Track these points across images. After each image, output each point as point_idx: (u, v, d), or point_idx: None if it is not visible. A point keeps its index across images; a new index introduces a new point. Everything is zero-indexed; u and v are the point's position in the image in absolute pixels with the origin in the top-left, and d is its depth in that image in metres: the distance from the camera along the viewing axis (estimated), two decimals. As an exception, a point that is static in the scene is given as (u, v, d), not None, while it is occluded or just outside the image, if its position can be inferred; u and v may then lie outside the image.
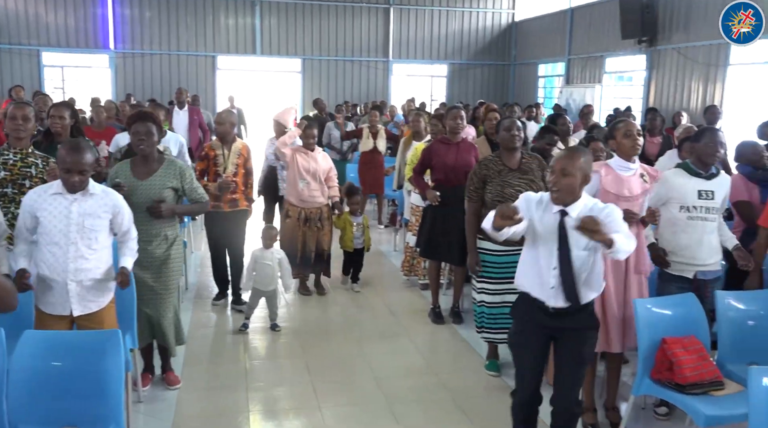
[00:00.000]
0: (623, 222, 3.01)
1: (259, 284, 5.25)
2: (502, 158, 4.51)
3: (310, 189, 5.98)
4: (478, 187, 4.48)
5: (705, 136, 3.89)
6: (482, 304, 4.55)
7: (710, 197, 3.83)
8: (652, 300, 3.63)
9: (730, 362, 3.57)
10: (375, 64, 21.04)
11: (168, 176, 4.08)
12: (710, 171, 3.88)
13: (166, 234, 4.11)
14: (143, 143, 4.01)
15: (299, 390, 4.37)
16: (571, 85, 18.04)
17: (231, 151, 5.55)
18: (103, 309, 3.41)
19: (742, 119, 11.94)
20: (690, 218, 3.82)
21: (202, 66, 19.80)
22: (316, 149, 6.09)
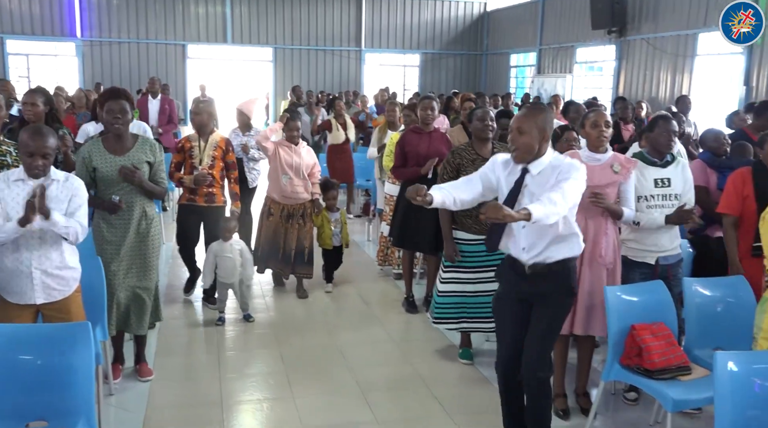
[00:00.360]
0: (573, 178, 2.95)
1: (223, 277, 5.20)
2: (474, 148, 4.53)
3: (293, 185, 5.78)
4: (452, 176, 4.49)
5: (658, 124, 3.94)
6: (452, 294, 4.56)
7: (667, 185, 3.88)
8: (621, 288, 3.68)
9: (697, 347, 3.65)
10: (347, 54, 20.96)
11: (144, 151, 4.06)
12: (665, 159, 3.93)
13: (146, 210, 4.09)
14: (117, 121, 3.95)
15: (273, 380, 4.36)
16: (543, 75, 18.17)
17: (208, 143, 5.40)
18: (68, 298, 3.36)
19: (708, 109, 12.16)
20: (648, 207, 3.86)
21: (171, 55, 19.53)
22: (300, 143, 5.91)
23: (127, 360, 4.38)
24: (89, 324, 3.02)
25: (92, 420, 2.86)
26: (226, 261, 5.17)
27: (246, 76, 20.41)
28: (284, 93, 18.67)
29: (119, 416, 3.82)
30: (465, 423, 3.79)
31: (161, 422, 3.77)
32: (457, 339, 4.86)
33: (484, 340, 4.95)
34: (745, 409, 2.66)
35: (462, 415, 3.89)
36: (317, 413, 3.92)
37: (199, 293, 5.79)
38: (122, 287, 4.03)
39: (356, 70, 21.14)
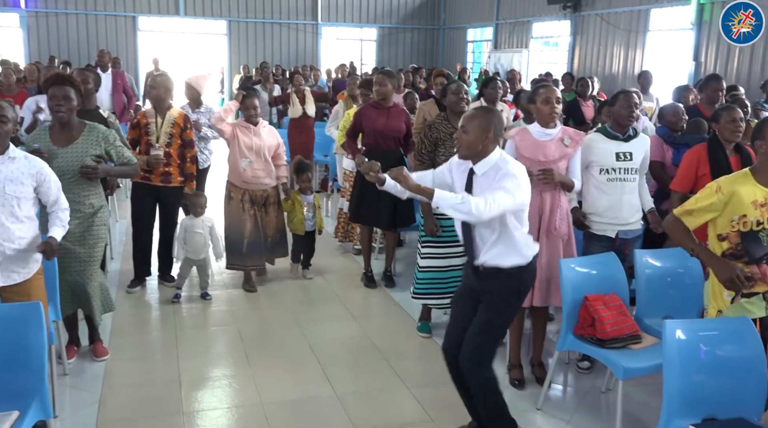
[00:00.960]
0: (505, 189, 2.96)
1: (191, 253, 5.14)
2: (450, 121, 4.54)
3: (254, 169, 5.28)
4: (431, 150, 4.51)
5: (619, 99, 4.02)
6: (431, 269, 4.60)
7: (628, 159, 3.97)
8: (575, 260, 3.76)
9: (647, 316, 3.76)
10: (303, 27, 20.66)
11: (90, 143, 3.92)
12: (627, 133, 4.02)
13: (92, 202, 3.98)
14: (60, 108, 3.81)
15: (232, 357, 4.35)
16: (499, 50, 18.24)
17: (165, 119, 5.17)
18: (28, 280, 3.28)
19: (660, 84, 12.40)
20: (609, 180, 3.96)
21: (122, 27, 18.94)
22: (261, 123, 5.41)
23: (83, 342, 4.31)
24: (40, 303, 2.96)
25: (46, 400, 2.81)
26: (196, 237, 5.11)
27: (199, 50, 19.97)
28: (239, 68, 18.34)
29: (74, 396, 3.77)
30: (423, 395, 3.85)
31: (118, 401, 3.73)
32: (416, 314, 4.91)
33: (442, 314, 5.01)
34: (691, 375, 2.77)
35: (420, 387, 3.95)
36: (277, 388, 3.92)
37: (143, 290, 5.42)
38: (65, 276, 3.91)
39: (313, 44, 20.87)
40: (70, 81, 3.89)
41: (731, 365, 2.81)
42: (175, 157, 5.20)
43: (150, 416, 3.60)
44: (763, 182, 2.88)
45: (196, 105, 6.19)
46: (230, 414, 3.66)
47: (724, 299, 2.95)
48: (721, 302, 2.96)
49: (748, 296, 2.92)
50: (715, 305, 2.99)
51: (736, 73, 11.68)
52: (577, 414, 3.70)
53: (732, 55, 11.80)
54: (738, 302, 2.93)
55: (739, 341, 2.84)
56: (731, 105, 4.40)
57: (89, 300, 4.04)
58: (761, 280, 2.89)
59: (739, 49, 11.62)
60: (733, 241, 2.90)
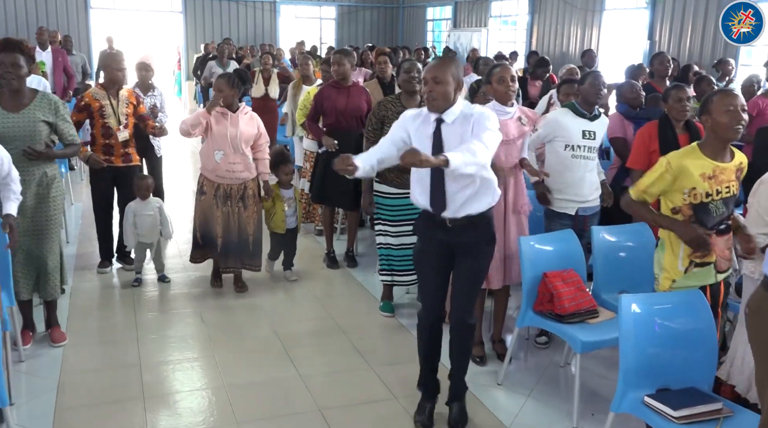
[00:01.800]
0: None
1: (142, 236, 5.05)
2: (401, 100, 4.53)
3: (228, 162, 4.71)
4: (376, 127, 4.50)
5: (588, 78, 4.11)
6: (387, 246, 4.63)
7: (593, 137, 4.06)
8: (534, 237, 3.82)
9: (604, 291, 3.85)
10: (261, 5, 20.32)
11: (42, 109, 3.85)
12: (594, 112, 4.09)
13: (46, 171, 3.91)
14: (9, 75, 3.71)
15: (193, 340, 4.31)
16: (459, 29, 18.24)
17: (119, 100, 5.02)
18: None
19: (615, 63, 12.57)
20: (574, 157, 4.03)
21: (72, 4, 18.35)
22: (242, 109, 4.77)
23: (39, 327, 4.22)
24: (-7, 289, 2.89)
25: (1, 388, 2.76)
26: (145, 220, 5.02)
27: (154, 29, 19.51)
28: (196, 47, 17.97)
29: (31, 383, 3.69)
30: (386, 373, 3.88)
31: (76, 387, 3.67)
32: (378, 293, 4.93)
33: (404, 293, 5.04)
34: (646, 347, 2.86)
35: (383, 365, 3.98)
36: (239, 371, 3.91)
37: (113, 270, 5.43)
38: (22, 250, 3.83)
39: (271, 22, 20.55)
40: (19, 47, 3.79)
41: (684, 336, 2.91)
42: (132, 137, 5.12)
43: (110, 401, 3.55)
44: (710, 155, 2.97)
45: (147, 89, 5.82)
46: (193, 398, 3.64)
47: (678, 269, 3.03)
48: (674, 272, 3.05)
49: (700, 266, 3.01)
50: (668, 276, 3.07)
51: (688, 52, 11.91)
52: (537, 388, 3.78)
53: (685, 34, 12.03)
54: (691, 272, 3.02)
55: (691, 313, 2.93)
56: (680, 84, 4.51)
57: (47, 276, 3.95)
58: (711, 250, 2.99)
59: (692, 29, 11.85)
60: (686, 213, 2.98)
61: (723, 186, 2.96)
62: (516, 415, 3.51)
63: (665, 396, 2.72)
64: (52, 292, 4.04)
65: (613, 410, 2.86)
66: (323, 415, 3.46)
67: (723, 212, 2.99)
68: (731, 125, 2.90)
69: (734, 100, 2.93)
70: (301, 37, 17.17)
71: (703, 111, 3.01)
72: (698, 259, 3.01)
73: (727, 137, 2.95)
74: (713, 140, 2.98)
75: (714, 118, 2.93)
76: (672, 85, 4.59)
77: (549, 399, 3.69)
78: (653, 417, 2.68)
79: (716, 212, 2.96)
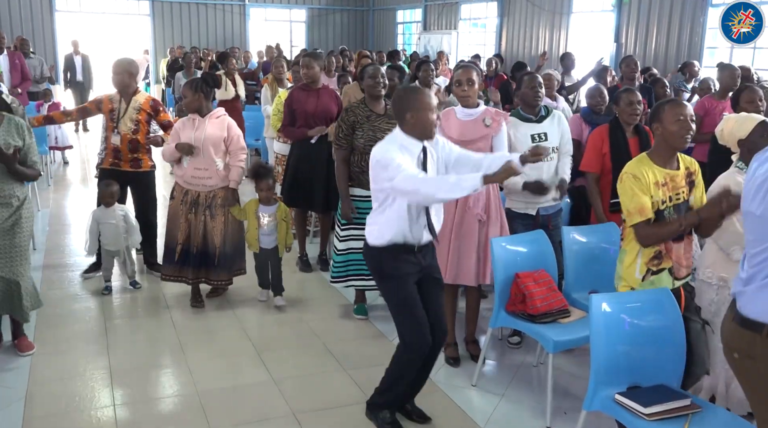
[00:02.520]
0: None
1: (108, 244, 4.95)
2: (368, 105, 4.52)
3: (194, 167, 4.59)
4: (347, 133, 4.47)
5: (524, 81, 4.13)
6: (349, 251, 4.57)
7: (544, 139, 4.05)
8: (506, 239, 3.85)
9: (575, 291, 3.89)
10: (230, 8, 20.20)
11: (11, 135, 3.76)
12: (540, 113, 4.11)
13: (17, 194, 3.83)
14: None
15: (164, 346, 4.26)
16: (429, 32, 18.33)
17: (129, 105, 4.95)
18: None
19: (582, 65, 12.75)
20: None
21: (37, 7, 18.04)
22: (213, 114, 4.67)
23: (5, 335, 4.14)
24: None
25: (-33, 400, 2.69)
26: (109, 228, 4.93)
27: (121, 32, 19.25)
28: (164, 51, 17.77)
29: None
30: (360, 376, 3.88)
31: (45, 396, 3.60)
32: (352, 296, 4.92)
33: (377, 295, 5.04)
34: (616, 345, 2.89)
35: (357, 369, 3.97)
36: (212, 376, 3.87)
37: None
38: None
39: (240, 25, 20.44)
40: None
41: (653, 334, 2.95)
42: (143, 143, 5.05)
43: (80, 409, 3.49)
44: (659, 163, 3.02)
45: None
46: (164, 404, 3.60)
47: (635, 277, 3.08)
48: (632, 280, 3.09)
49: (657, 273, 3.06)
50: (626, 284, 3.11)
51: (654, 55, 12.13)
52: (510, 388, 3.81)
53: (650, 37, 12.24)
54: (648, 279, 3.06)
55: (660, 311, 2.98)
56: (630, 88, 4.55)
57: (20, 299, 3.87)
58: (668, 256, 3.04)
59: (656, 31, 12.07)
60: None
61: (674, 193, 3.02)
62: (490, 415, 3.53)
63: (635, 394, 2.76)
64: (22, 314, 3.94)
65: (585, 408, 2.89)
66: (297, 419, 3.44)
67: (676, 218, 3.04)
68: (681, 134, 2.96)
69: (684, 110, 2.98)
70: (270, 39, 17.10)
71: (653, 119, 3.06)
72: (654, 267, 3.05)
73: (676, 146, 3.01)
74: (663, 148, 3.04)
75: (665, 126, 2.98)
76: (623, 88, 4.63)
77: (523, 398, 3.72)
78: (624, 414, 2.72)
79: (670, 218, 3.02)
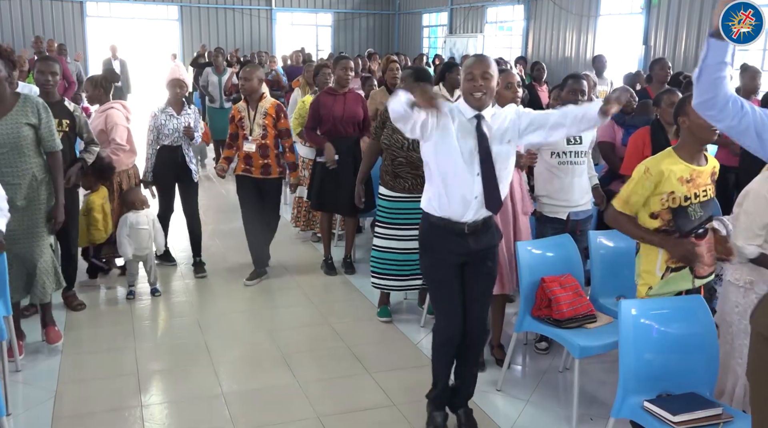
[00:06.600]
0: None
1: (137, 249, 4.98)
2: None
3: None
4: (378, 127, 4.54)
5: (567, 83, 4.10)
6: (386, 250, 4.58)
7: (578, 142, 4.05)
8: (531, 243, 3.82)
9: (602, 296, 3.84)
10: (258, 13, 20.39)
11: (25, 113, 3.82)
12: None
13: (34, 173, 3.88)
14: None
15: (191, 348, 4.29)
16: (455, 35, 18.30)
17: (257, 111, 5.09)
18: None
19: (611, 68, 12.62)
20: (561, 163, 4.03)
21: (68, 12, 18.41)
22: (101, 107, 5.13)
23: (28, 336, 4.19)
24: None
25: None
26: (141, 233, 4.97)
27: (151, 37, 19.53)
28: (192, 55, 18.00)
29: (28, 394, 3.67)
30: (384, 380, 3.87)
31: (74, 396, 3.65)
32: (376, 299, 4.92)
33: (402, 298, 5.03)
34: (646, 352, 2.85)
35: (382, 372, 3.97)
36: (237, 378, 3.89)
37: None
38: (14, 253, 3.80)
39: (267, 30, 20.62)
40: (1, 54, 3.79)
41: (684, 341, 2.90)
42: (272, 148, 5.13)
43: (108, 409, 3.53)
44: (686, 158, 2.97)
45: (182, 106, 5.34)
46: (190, 406, 3.62)
47: (655, 275, 3.03)
48: (651, 279, 3.04)
49: (676, 270, 3.01)
50: (645, 282, 3.07)
51: (683, 57, 11.96)
52: (536, 394, 3.77)
53: (680, 39, 12.08)
54: (668, 277, 3.01)
55: (691, 318, 2.92)
56: (672, 89, 4.52)
57: (37, 278, 3.93)
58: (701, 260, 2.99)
59: (686, 33, 11.90)
60: (665, 218, 2.98)
61: (700, 189, 2.97)
62: (515, 421, 3.49)
63: (665, 402, 2.71)
64: (41, 295, 3.99)
65: (614, 415, 2.85)
66: (321, 422, 3.44)
67: (701, 216, 2.99)
68: (708, 125, 2.89)
69: None
70: (296, 44, 17.21)
71: (680, 112, 3.01)
72: (674, 264, 3.00)
73: (704, 138, 2.96)
74: (690, 141, 2.98)
75: (692, 119, 2.92)
76: (664, 89, 4.60)
77: (548, 404, 3.67)
78: (653, 422, 2.67)
79: (695, 215, 2.96)
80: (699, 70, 2.11)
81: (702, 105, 2.15)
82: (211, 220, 5.61)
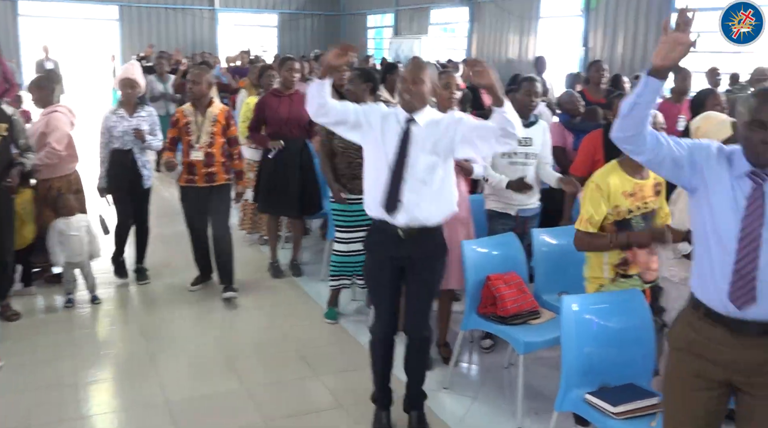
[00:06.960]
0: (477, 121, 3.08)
1: (70, 256, 4.81)
2: None
3: None
4: (330, 131, 4.47)
5: (523, 86, 4.17)
6: (349, 254, 4.57)
7: (529, 144, 4.14)
8: (477, 241, 3.87)
9: (545, 292, 3.92)
10: (200, 13, 20.07)
11: None
12: (529, 119, 4.17)
13: None
14: None
15: (134, 355, 4.19)
16: (400, 37, 18.39)
17: (206, 117, 4.78)
18: None
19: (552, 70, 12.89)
20: (511, 163, 4.11)
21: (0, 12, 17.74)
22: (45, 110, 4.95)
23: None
24: None
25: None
26: (72, 240, 4.78)
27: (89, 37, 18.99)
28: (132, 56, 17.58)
29: (-40, 408, 3.52)
30: (333, 382, 3.86)
31: (6, 409, 3.51)
32: (324, 302, 4.90)
33: (350, 299, 5.02)
34: (587, 346, 2.91)
35: (330, 374, 3.95)
36: (182, 386, 3.82)
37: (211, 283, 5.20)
38: None
39: (210, 30, 20.31)
40: None
41: (622, 335, 2.97)
42: (218, 156, 4.82)
43: (43, 423, 3.41)
44: (629, 172, 3.07)
45: (135, 107, 5.10)
46: (132, 415, 3.53)
47: (604, 276, 3.13)
48: (602, 279, 3.15)
49: (626, 277, 3.11)
50: (595, 281, 3.17)
51: (621, 59, 12.31)
52: (482, 390, 3.82)
53: (617, 41, 12.42)
54: (618, 281, 3.12)
55: (630, 312, 3.01)
56: (623, 93, 4.65)
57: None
58: (634, 263, 3.09)
59: (624, 36, 12.25)
60: (610, 230, 3.08)
61: (642, 202, 3.08)
62: (462, 418, 3.53)
63: (605, 393, 2.78)
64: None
65: (557, 409, 2.91)
66: (268, 427, 3.40)
67: (642, 227, 3.09)
68: None
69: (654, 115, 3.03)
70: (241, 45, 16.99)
71: None
72: (622, 271, 3.10)
73: None
74: None
75: None
76: (616, 94, 4.73)
77: (494, 400, 3.72)
78: (594, 414, 2.74)
79: (637, 226, 3.07)
80: (632, 104, 2.09)
81: (624, 140, 2.16)
82: (153, 223, 5.47)
